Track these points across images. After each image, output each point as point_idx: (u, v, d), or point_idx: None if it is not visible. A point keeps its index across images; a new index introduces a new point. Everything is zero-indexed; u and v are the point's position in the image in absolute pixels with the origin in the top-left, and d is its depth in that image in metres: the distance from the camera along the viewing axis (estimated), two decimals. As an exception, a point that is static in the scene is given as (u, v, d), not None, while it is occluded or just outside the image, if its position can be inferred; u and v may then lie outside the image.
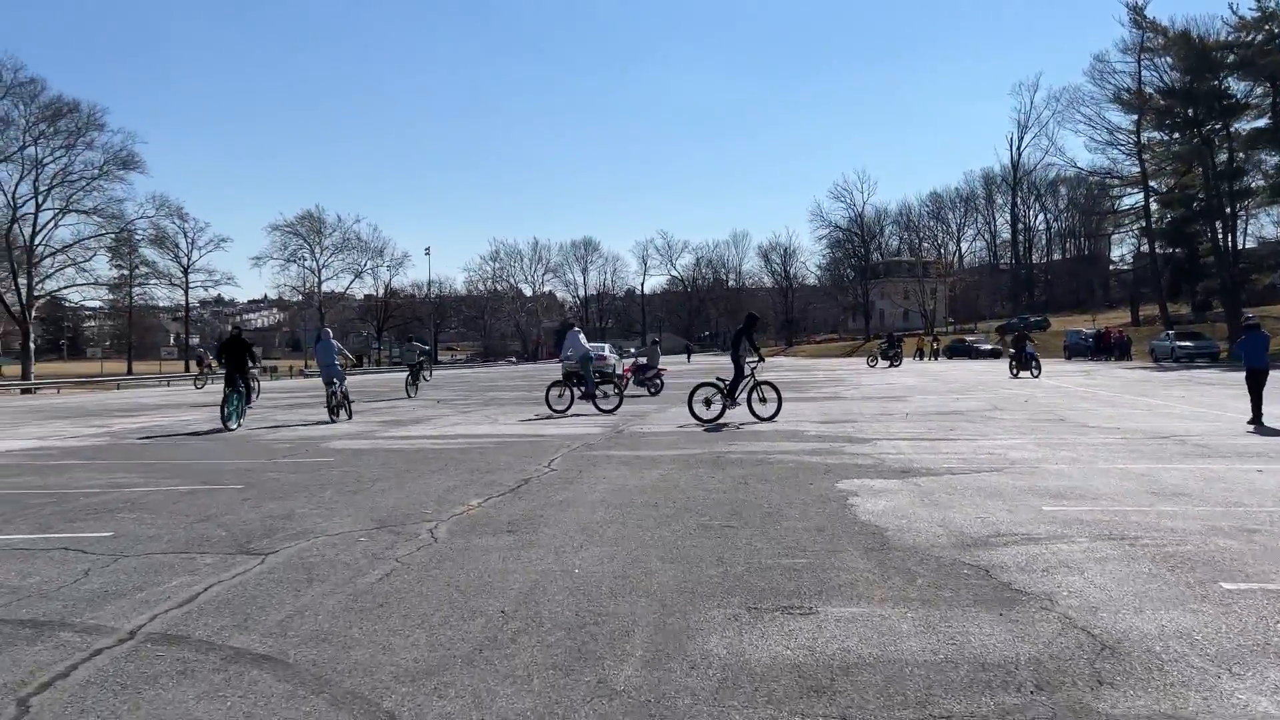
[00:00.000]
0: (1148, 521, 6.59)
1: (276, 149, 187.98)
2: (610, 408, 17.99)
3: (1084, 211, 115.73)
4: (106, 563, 5.85)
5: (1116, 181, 57.01)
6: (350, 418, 17.80)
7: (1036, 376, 29.45)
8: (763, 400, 15.49)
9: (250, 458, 11.78)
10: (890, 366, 44.19)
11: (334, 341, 18.75)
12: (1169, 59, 47.41)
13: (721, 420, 14.94)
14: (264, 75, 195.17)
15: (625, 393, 19.07)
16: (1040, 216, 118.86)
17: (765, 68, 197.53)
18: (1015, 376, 29.97)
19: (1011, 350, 33.47)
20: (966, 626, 4.26)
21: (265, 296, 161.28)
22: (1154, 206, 54.58)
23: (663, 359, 28.17)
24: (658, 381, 24.77)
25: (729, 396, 15.43)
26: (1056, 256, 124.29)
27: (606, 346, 40.28)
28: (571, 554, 5.86)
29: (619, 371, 31.35)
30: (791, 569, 5.37)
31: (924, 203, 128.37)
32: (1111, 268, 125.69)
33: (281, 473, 10.15)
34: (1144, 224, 54.54)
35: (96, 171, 60.01)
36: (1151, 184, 56.07)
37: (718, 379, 15.85)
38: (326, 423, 17.47)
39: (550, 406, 18.43)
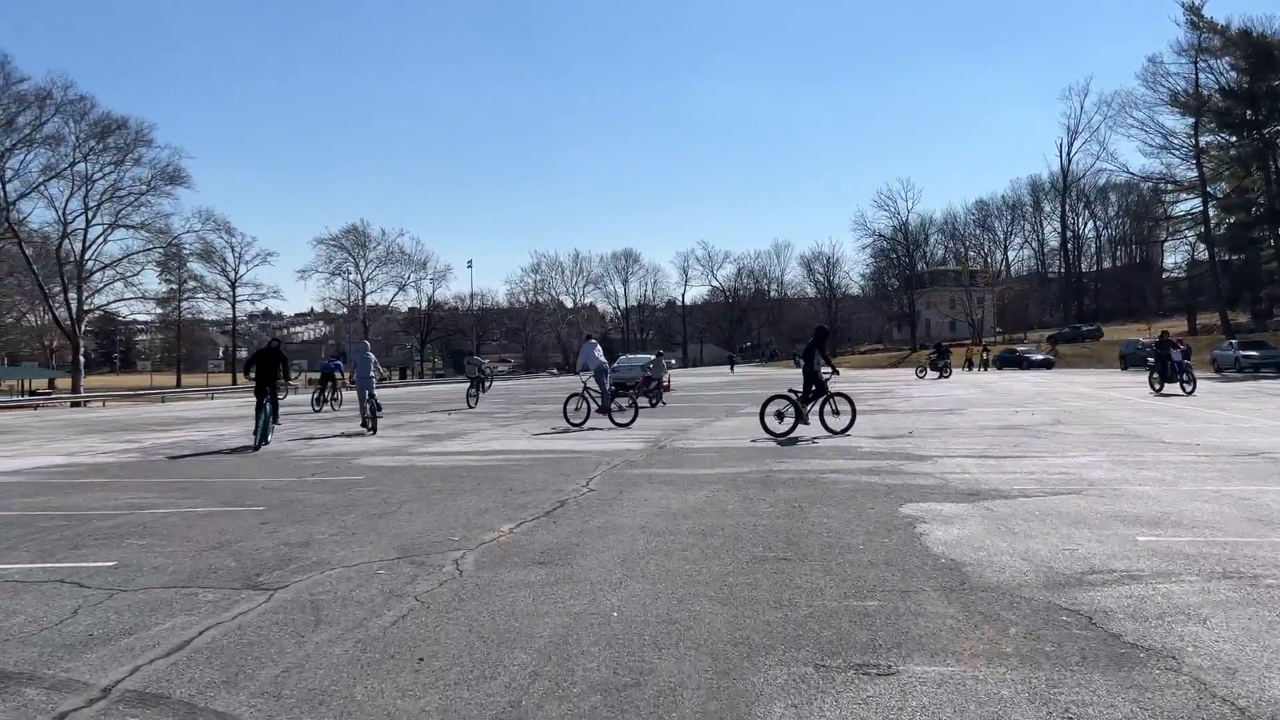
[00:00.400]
0: (1263, 556, 5.80)
1: (323, 164, 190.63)
2: (626, 421, 17.71)
3: (1136, 218, 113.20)
4: (100, 599, 5.33)
5: (1171, 186, 55.24)
6: (375, 430, 17.49)
7: (1190, 392, 24.02)
8: (835, 413, 14.97)
9: (278, 475, 11.32)
10: (939, 378, 43.03)
11: (370, 355, 18.98)
12: (1227, 59, 45.88)
13: (794, 435, 14.44)
14: (311, 92, 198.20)
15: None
16: (1090, 224, 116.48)
17: (805, 77, 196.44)
18: (1159, 392, 24.81)
19: (1150, 359, 28.16)
20: (1082, 695, 3.55)
21: (311, 310, 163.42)
22: (1212, 212, 52.71)
23: (705, 370, 29.94)
24: (658, 393, 25.69)
25: (802, 410, 14.92)
26: (1106, 264, 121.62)
27: (650, 356, 39.77)
28: (609, 592, 5.22)
29: (667, 384, 33.28)
30: (862, 614, 4.69)
31: (969, 211, 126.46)
32: (1165, 275, 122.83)
33: (308, 492, 9.65)
34: (1202, 229, 52.59)
35: (144, 187, 60.79)
36: (1209, 189, 54.34)
37: (790, 390, 15.31)
38: (359, 435, 17.08)
39: (568, 420, 18.21)
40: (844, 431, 14.59)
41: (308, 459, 13.29)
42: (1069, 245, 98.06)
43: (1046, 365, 57.04)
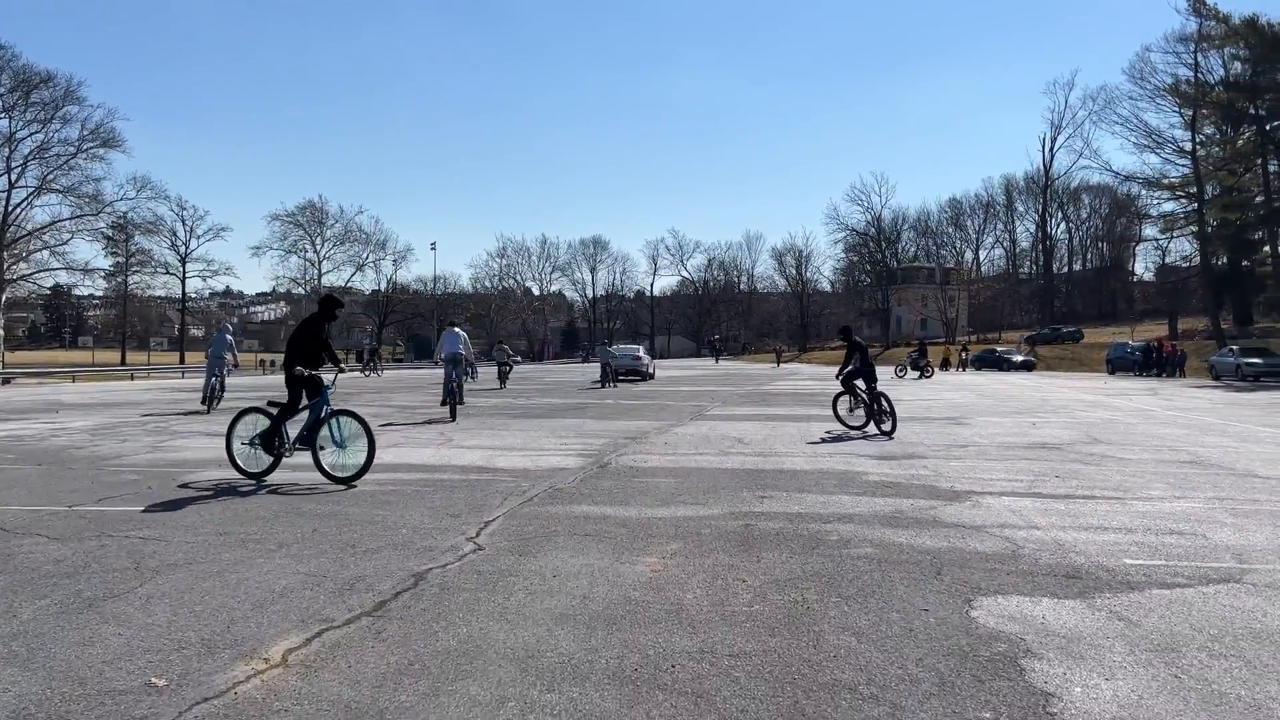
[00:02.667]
0: None
1: (283, 144, 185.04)
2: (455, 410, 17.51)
3: (1117, 218, 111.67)
4: None
5: (1164, 184, 52.73)
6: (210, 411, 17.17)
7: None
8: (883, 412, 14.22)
9: (52, 498, 7.97)
10: (920, 378, 40.25)
11: (229, 338, 19.66)
12: (1230, 50, 43.36)
13: (866, 429, 14.01)
14: (273, 69, 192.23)
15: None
16: (1063, 225, 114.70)
17: (780, 72, 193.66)
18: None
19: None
20: None
21: (274, 290, 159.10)
22: (1206, 212, 50.31)
23: (678, 361, 34.55)
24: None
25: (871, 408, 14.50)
26: (1078, 267, 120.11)
27: (641, 348, 45.83)
28: None
29: (652, 372, 40.51)
30: None
31: (943, 208, 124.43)
32: (1134, 279, 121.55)
33: (43, 541, 6.33)
34: (1196, 229, 50.16)
35: (74, 149, 56.46)
36: (1201, 188, 52.02)
37: (857, 385, 15.06)
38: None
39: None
40: (890, 433, 13.83)
41: (127, 469, 9.92)
42: (1046, 245, 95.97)
43: (1027, 367, 54.61)
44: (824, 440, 13.17)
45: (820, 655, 3.97)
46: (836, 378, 15.62)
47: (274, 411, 9.06)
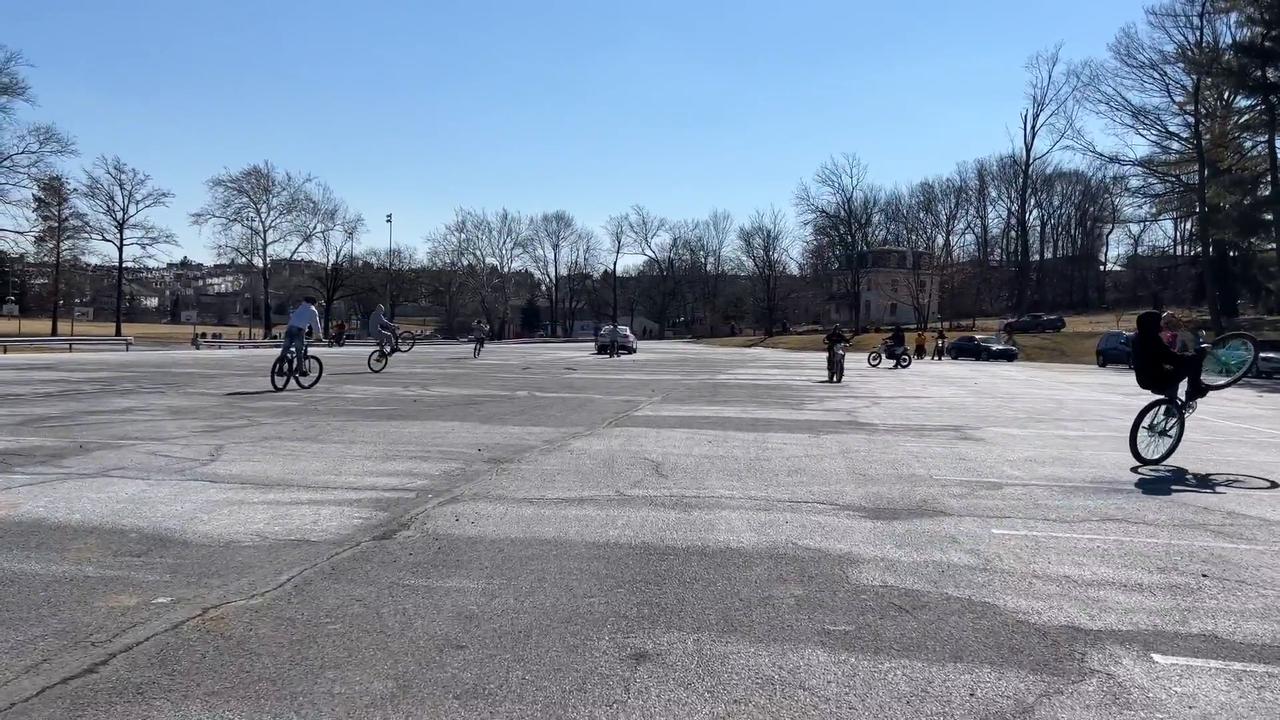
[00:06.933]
0: None
1: (231, 114, 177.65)
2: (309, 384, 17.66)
3: (1090, 205, 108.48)
4: None
5: (1161, 162, 48.80)
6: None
7: None
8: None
9: None
10: (896, 367, 36.07)
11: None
12: (1245, 12, 39.25)
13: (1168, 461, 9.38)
14: (227, 36, 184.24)
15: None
16: (1035, 213, 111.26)
17: (747, 56, 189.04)
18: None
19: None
20: None
21: (233, 262, 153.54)
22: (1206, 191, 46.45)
23: (643, 343, 31.37)
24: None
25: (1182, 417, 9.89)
26: (1049, 255, 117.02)
27: (628, 329, 50.96)
28: None
29: (634, 348, 48.15)
30: None
31: (914, 192, 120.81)
32: (1103, 268, 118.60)
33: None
34: (1196, 210, 46.26)
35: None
36: (1193, 171, 48.37)
37: (1170, 393, 9.96)
38: None
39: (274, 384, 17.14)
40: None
41: None
42: (1023, 230, 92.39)
43: (1008, 356, 50.76)
44: (786, 464, 8.74)
45: None
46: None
47: None
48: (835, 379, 24.38)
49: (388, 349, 26.09)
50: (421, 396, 16.62)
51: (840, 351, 24.87)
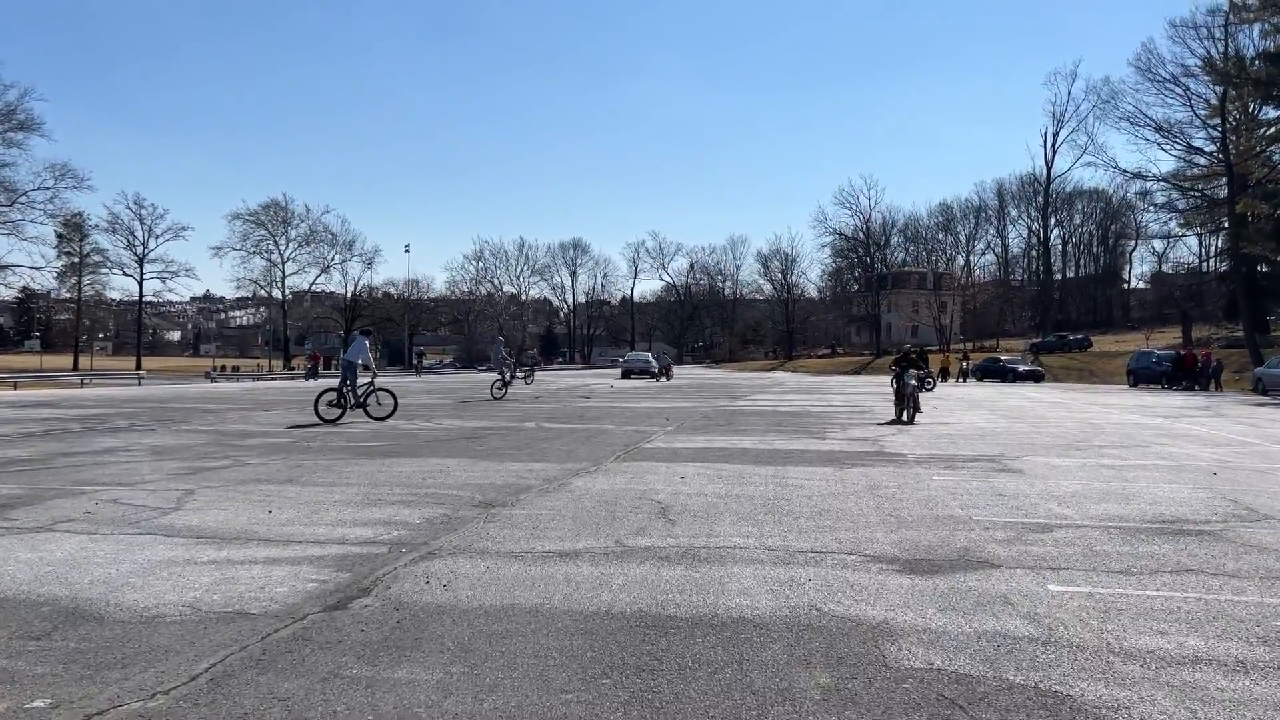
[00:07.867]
0: None
1: (251, 151, 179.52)
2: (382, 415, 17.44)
3: (1112, 223, 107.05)
4: None
5: (1188, 176, 47.67)
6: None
7: None
8: None
9: None
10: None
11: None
12: (1266, 23, 38.31)
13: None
14: (248, 74, 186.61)
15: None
16: (1056, 232, 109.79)
17: (763, 80, 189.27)
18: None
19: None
20: None
21: (253, 294, 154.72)
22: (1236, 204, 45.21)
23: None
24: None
25: None
26: (1070, 274, 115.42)
27: (650, 355, 52.03)
28: None
29: (670, 373, 49.74)
30: None
31: (933, 213, 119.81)
32: (1126, 286, 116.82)
33: None
34: (1226, 224, 45.08)
35: (-19, 132, 50.87)
36: (1220, 184, 47.21)
37: None
38: None
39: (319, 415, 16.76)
40: None
41: None
42: (1045, 248, 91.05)
43: (1035, 378, 49.60)
44: (807, 505, 7.88)
45: None
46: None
47: None
48: (906, 418, 18.32)
49: (509, 377, 27.44)
50: (418, 430, 15.85)
51: (913, 383, 18.91)
